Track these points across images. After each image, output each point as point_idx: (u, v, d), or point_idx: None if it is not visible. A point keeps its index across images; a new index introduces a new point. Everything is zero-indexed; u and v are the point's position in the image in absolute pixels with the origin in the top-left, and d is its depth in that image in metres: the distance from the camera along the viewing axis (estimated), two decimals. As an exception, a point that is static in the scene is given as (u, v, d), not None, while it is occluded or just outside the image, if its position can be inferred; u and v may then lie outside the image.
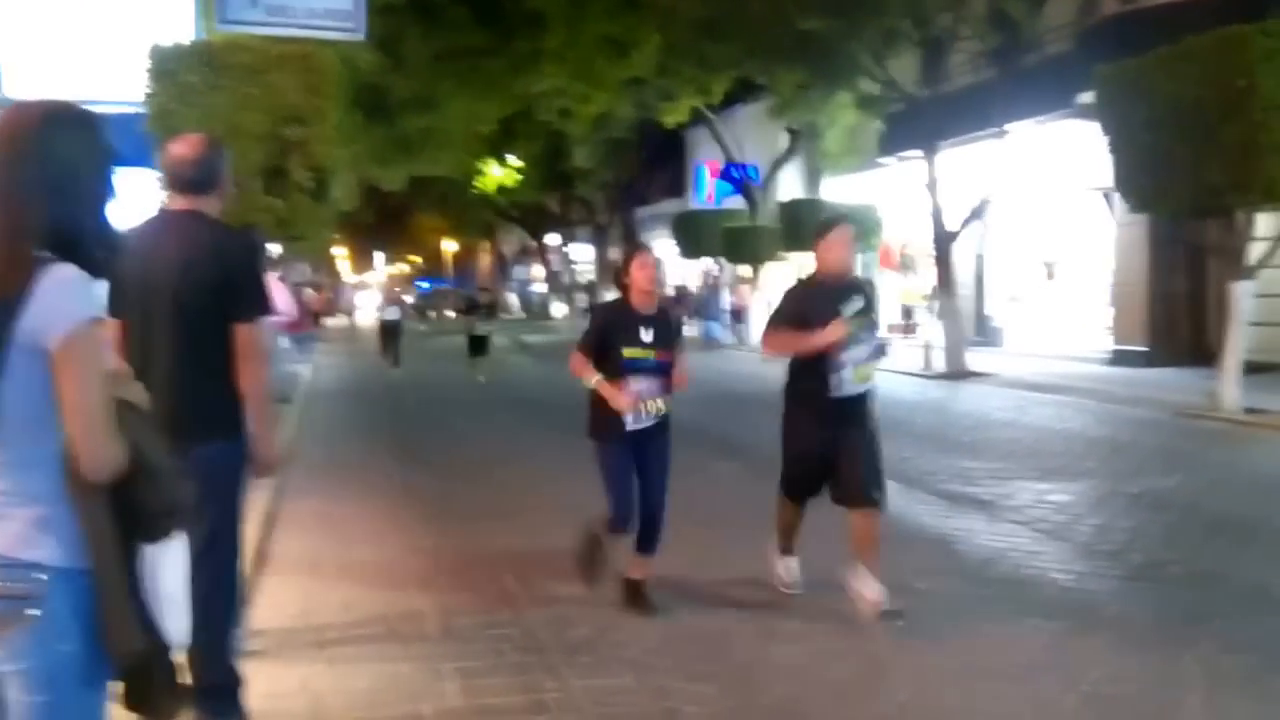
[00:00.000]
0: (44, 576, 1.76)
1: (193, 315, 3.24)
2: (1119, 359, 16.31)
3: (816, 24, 15.47)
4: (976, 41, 16.09)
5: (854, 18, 15.22)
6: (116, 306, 3.26)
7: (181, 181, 3.34)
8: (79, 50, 8.29)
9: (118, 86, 8.42)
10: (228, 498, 3.35)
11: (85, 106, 2.03)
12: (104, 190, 1.91)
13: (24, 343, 1.74)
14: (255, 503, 6.35)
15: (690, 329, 25.61)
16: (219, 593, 3.28)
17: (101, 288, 1.87)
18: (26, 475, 1.79)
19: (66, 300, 1.75)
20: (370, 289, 56.96)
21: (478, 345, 16.56)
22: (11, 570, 1.75)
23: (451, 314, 39.93)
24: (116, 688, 1.92)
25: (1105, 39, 14.20)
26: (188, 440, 3.19)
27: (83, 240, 1.83)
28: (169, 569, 1.91)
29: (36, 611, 1.75)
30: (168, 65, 8.31)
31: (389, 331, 19.31)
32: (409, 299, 22.16)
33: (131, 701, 1.95)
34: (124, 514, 1.83)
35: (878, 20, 15.43)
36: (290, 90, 8.56)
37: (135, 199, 3.56)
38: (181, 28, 8.91)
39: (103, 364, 1.83)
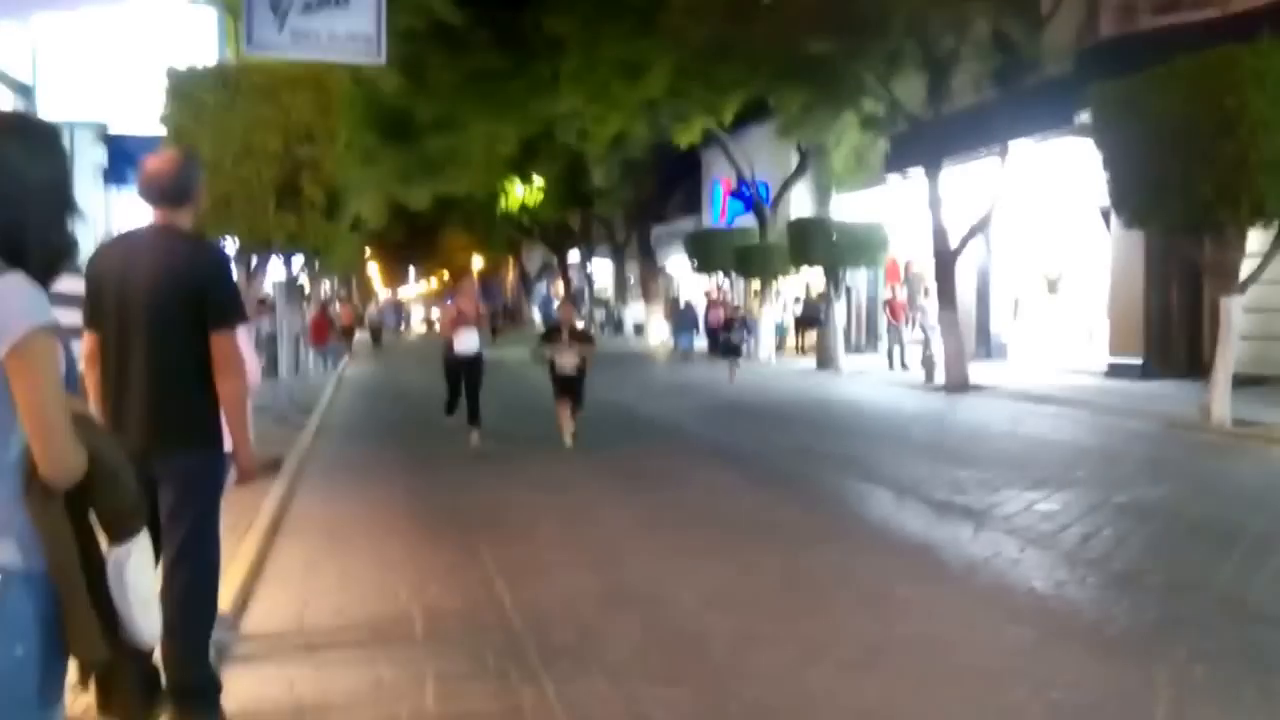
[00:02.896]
0: None
1: (168, 326, 3.29)
2: (1116, 372, 16.42)
3: (822, 46, 15.72)
4: (978, 63, 16.29)
5: (859, 40, 15.45)
6: (94, 319, 3.39)
7: (156, 195, 3.41)
8: (107, 73, 8.61)
9: (141, 109, 8.77)
10: (205, 505, 3.45)
11: (42, 119, 2.05)
12: (59, 201, 1.88)
13: None
14: (261, 510, 6.62)
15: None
16: (195, 597, 3.40)
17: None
18: None
19: (17, 307, 1.73)
20: (402, 302, 52.86)
21: (567, 387, 10.48)
22: None
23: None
24: (89, 690, 1.95)
25: (1103, 60, 14.35)
26: (167, 449, 3.32)
27: (31, 249, 1.81)
28: (137, 570, 1.90)
29: None
30: (184, 86, 8.64)
31: (465, 372, 10.85)
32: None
33: (103, 704, 1.96)
34: (87, 516, 1.84)
35: (882, 42, 15.65)
36: (302, 110, 8.85)
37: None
38: (204, 53, 9.24)
39: (58, 370, 1.79)
